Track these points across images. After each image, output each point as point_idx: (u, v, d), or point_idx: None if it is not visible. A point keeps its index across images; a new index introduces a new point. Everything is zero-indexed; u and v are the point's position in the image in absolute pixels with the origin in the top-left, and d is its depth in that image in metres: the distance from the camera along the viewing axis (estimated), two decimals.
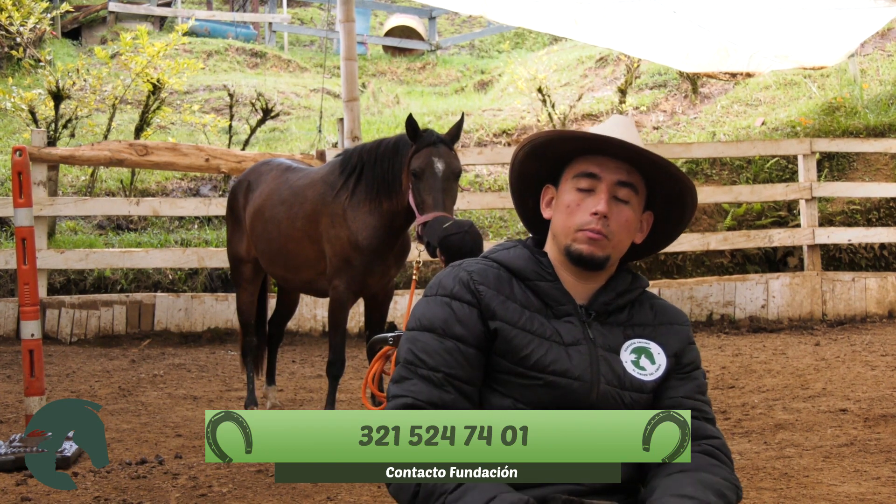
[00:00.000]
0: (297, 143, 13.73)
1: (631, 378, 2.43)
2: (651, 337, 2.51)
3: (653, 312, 2.57)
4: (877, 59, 14.42)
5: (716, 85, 14.99)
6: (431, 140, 5.42)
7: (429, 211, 5.26)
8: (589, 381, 2.38)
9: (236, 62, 18.84)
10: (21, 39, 12.81)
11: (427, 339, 2.39)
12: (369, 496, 4.77)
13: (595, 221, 2.42)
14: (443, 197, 5.30)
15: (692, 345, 2.58)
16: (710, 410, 2.54)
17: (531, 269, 2.50)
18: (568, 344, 2.41)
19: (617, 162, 2.45)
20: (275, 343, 6.93)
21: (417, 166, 5.36)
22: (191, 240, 10.67)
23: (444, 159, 5.38)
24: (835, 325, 10.16)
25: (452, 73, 19.22)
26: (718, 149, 11.39)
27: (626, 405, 2.40)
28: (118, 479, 5.03)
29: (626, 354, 2.46)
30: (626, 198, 2.45)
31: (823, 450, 5.53)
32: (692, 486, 2.26)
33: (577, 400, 2.36)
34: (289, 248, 6.05)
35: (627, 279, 2.56)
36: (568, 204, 2.47)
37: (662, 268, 10.87)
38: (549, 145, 2.50)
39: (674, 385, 2.50)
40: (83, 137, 12.39)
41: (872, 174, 11.49)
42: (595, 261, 2.44)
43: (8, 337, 9.17)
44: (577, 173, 2.47)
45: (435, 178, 5.33)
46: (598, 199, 2.43)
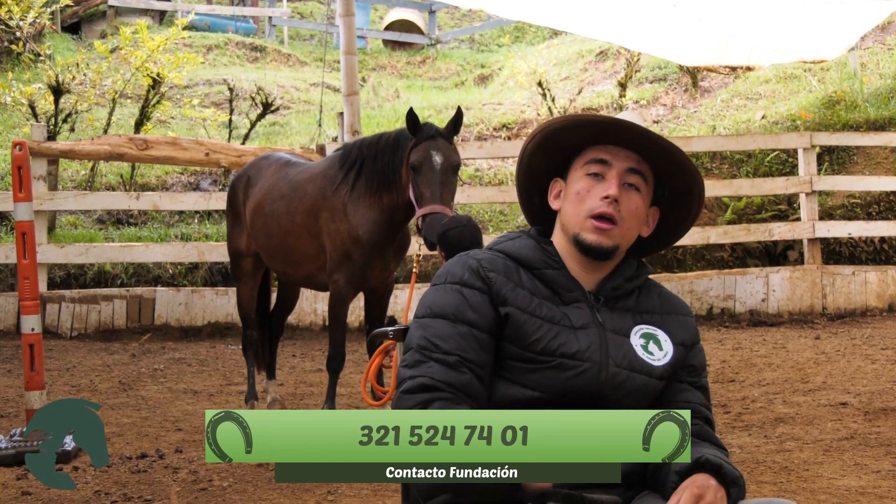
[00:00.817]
0: (297, 137, 13.73)
1: (641, 361, 2.43)
2: (658, 325, 2.52)
3: (660, 300, 2.58)
4: (877, 52, 14.40)
5: (716, 79, 14.98)
6: (430, 134, 5.44)
7: (427, 204, 5.28)
8: (598, 362, 2.38)
9: (236, 56, 18.82)
10: (21, 34, 12.79)
11: (439, 325, 2.39)
12: (370, 490, 4.77)
13: (606, 205, 2.42)
14: (441, 190, 5.31)
15: (700, 345, 2.60)
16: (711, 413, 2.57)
17: (538, 257, 2.50)
18: (577, 327, 2.42)
19: (627, 150, 2.46)
20: (275, 337, 6.93)
21: (416, 160, 5.37)
22: (191, 234, 10.66)
23: (442, 152, 5.40)
24: (835, 318, 10.16)
25: (452, 67, 19.20)
26: (718, 142, 11.38)
27: (636, 388, 2.40)
28: (119, 473, 5.04)
29: (635, 339, 2.47)
30: (637, 185, 2.46)
31: (823, 443, 5.54)
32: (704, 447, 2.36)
33: (585, 382, 2.36)
34: (289, 242, 6.05)
35: (633, 265, 2.57)
36: (578, 191, 2.47)
37: (663, 261, 10.87)
38: (562, 133, 2.50)
39: (686, 388, 2.51)
40: (83, 132, 12.39)
41: (873, 168, 11.48)
42: (603, 250, 2.44)
43: (8, 331, 9.17)
44: (588, 160, 2.48)
45: (433, 172, 5.35)
46: (609, 184, 2.43)
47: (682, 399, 2.49)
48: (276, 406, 6.59)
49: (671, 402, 2.48)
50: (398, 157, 5.58)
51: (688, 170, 2.49)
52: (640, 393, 2.41)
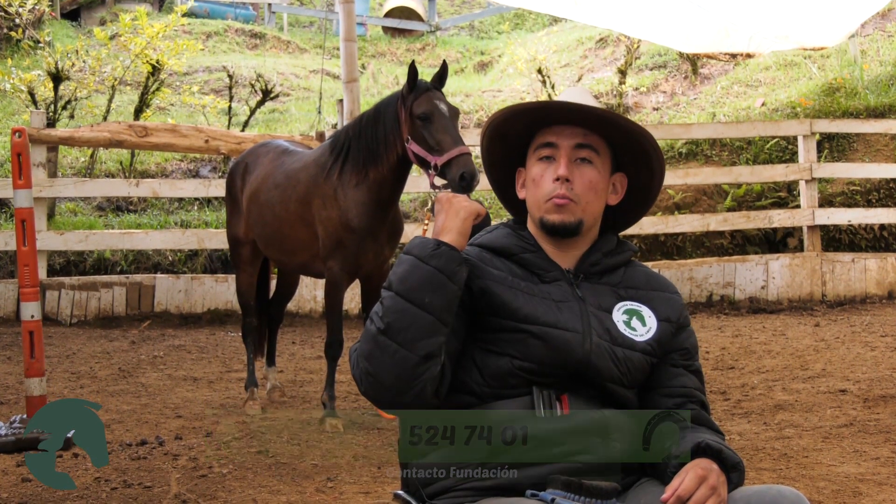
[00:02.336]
0: (297, 124, 13.71)
1: (622, 335, 2.45)
2: (643, 301, 2.54)
3: (645, 278, 2.61)
4: (877, 39, 14.38)
5: (716, 66, 14.96)
6: (427, 86, 5.56)
7: (449, 149, 5.33)
8: (581, 331, 2.40)
9: (235, 43, 18.78)
10: (20, 20, 12.76)
11: None
12: (369, 476, 4.78)
13: (559, 187, 2.46)
14: (458, 133, 5.40)
15: (691, 327, 2.61)
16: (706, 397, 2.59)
17: (514, 243, 2.55)
18: (558, 301, 2.45)
19: (572, 127, 2.50)
20: (275, 324, 6.93)
21: (424, 110, 5.43)
22: (190, 221, 10.67)
23: (444, 101, 5.54)
24: (834, 305, 10.16)
25: (452, 54, 19.16)
26: (718, 130, 11.37)
27: (619, 359, 2.41)
28: (118, 460, 5.04)
29: (618, 314, 2.49)
30: (587, 158, 2.49)
31: (823, 430, 5.54)
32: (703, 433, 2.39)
33: (570, 351, 2.37)
34: (284, 231, 6.06)
35: (613, 241, 2.60)
36: (534, 178, 2.52)
37: (662, 249, 10.87)
38: (507, 123, 2.56)
39: (681, 373, 2.52)
40: (82, 119, 12.37)
41: (872, 155, 11.48)
42: (567, 227, 2.48)
43: (8, 318, 9.17)
44: (537, 146, 2.54)
45: (444, 118, 5.44)
46: (558, 165, 2.47)
47: (677, 384, 2.51)
48: (276, 393, 6.59)
49: (666, 387, 2.50)
50: (380, 128, 5.64)
51: (634, 132, 2.51)
52: (625, 364, 2.42)
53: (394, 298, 2.28)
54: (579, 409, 2.31)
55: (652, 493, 2.31)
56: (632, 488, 2.37)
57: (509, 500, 2.23)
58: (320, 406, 6.12)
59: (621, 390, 2.42)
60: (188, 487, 4.61)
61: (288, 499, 4.42)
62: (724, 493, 2.19)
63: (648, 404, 2.48)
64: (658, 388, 2.50)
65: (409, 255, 2.32)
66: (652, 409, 2.47)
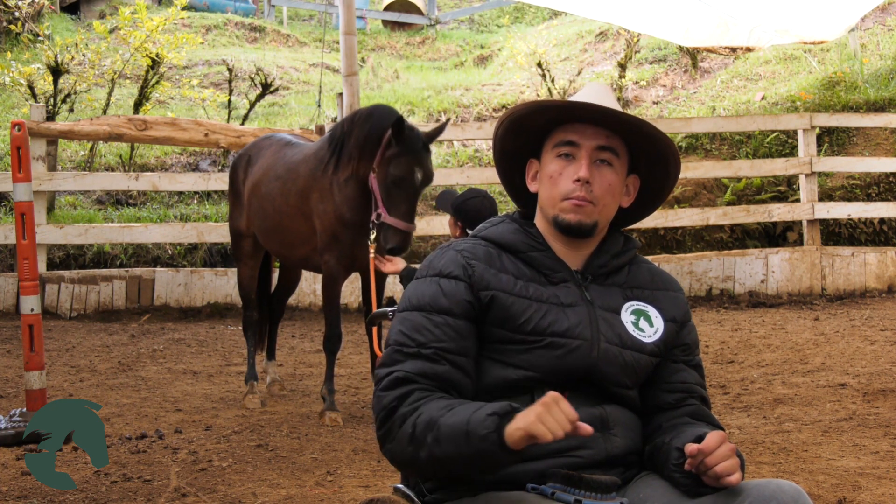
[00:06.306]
0: (297, 117, 13.70)
1: (632, 338, 2.44)
2: (649, 301, 2.53)
3: (650, 276, 2.59)
4: (877, 33, 14.37)
5: (716, 59, 14.95)
6: (416, 148, 5.51)
7: (399, 218, 5.45)
8: (589, 339, 2.38)
9: (235, 37, 18.76)
10: (20, 14, 12.77)
11: (416, 318, 2.39)
12: (369, 470, 4.78)
13: (578, 188, 2.42)
14: (414, 208, 5.54)
15: (692, 322, 2.60)
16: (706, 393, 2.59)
17: (521, 241, 2.51)
18: (566, 305, 2.42)
19: (595, 128, 2.46)
20: (276, 318, 6.93)
21: (399, 173, 5.46)
22: (190, 215, 10.66)
23: (423, 169, 5.53)
24: (834, 299, 10.16)
25: (452, 48, 19.14)
26: (718, 123, 11.37)
27: (627, 363, 2.40)
28: (118, 453, 5.04)
29: (626, 315, 2.48)
30: (608, 160, 2.46)
31: (822, 424, 5.54)
32: (702, 428, 2.38)
33: (577, 359, 2.36)
34: (283, 224, 6.06)
35: (619, 240, 2.58)
36: (551, 174, 2.48)
37: (662, 242, 10.87)
38: (527, 118, 2.51)
39: (682, 368, 2.52)
40: (82, 112, 12.37)
41: (872, 149, 11.47)
42: (583, 228, 2.45)
43: (7, 312, 9.18)
44: (557, 142, 2.48)
45: (412, 189, 5.52)
46: (579, 166, 2.44)
47: (678, 379, 2.50)
48: (275, 387, 6.60)
49: (667, 383, 2.50)
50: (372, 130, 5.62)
51: (655, 137, 2.48)
52: (632, 368, 2.42)
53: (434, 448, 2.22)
54: (580, 405, 2.30)
55: (652, 486, 2.31)
56: (632, 482, 2.37)
57: (509, 493, 2.23)
58: (320, 400, 6.13)
59: (624, 390, 2.42)
60: (188, 481, 4.61)
61: (287, 492, 4.42)
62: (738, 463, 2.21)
63: (649, 400, 2.48)
64: (659, 384, 2.49)
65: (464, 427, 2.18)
66: (653, 404, 2.47)
